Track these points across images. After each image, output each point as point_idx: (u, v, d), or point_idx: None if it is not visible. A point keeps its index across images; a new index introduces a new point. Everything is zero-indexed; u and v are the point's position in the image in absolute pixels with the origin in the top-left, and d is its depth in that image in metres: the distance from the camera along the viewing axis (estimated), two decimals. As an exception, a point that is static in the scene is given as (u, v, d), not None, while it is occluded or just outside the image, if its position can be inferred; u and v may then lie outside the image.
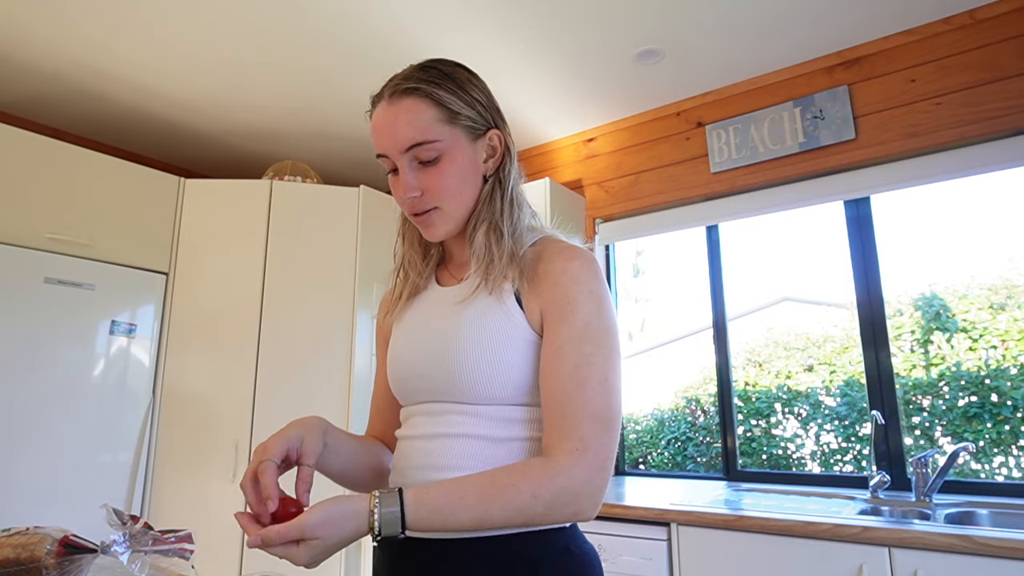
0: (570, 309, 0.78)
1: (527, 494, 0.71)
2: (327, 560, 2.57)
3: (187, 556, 0.85)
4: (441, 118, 0.82)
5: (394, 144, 0.82)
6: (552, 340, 0.78)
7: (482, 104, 0.87)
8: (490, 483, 0.72)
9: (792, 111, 2.35)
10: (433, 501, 0.70)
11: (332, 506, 0.68)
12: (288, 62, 2.33)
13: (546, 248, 0.85)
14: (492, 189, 0.88)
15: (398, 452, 0.88)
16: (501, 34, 2.15)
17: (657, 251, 4.01)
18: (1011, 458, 2.42)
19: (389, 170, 0.87)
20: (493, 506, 0.71)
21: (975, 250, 2.83)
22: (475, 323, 0.82)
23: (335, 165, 3.30)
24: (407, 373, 0.88)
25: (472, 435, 0.80)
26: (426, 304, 0.92)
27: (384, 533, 0.69)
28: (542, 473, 0.72)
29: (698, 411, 3.46)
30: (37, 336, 2.17)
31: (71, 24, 2.10)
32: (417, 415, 0.87)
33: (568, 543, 0.81)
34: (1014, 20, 1.99)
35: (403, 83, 0.84)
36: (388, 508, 0.69)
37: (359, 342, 2.57)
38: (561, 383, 0.76)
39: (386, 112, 0.84)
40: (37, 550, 0.79)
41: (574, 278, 0.80)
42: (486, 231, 0.85)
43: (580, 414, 0.74)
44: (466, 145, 0.85)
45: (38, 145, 2.28)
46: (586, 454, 0.73)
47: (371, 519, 0.69)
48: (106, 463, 2.31)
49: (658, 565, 1.80)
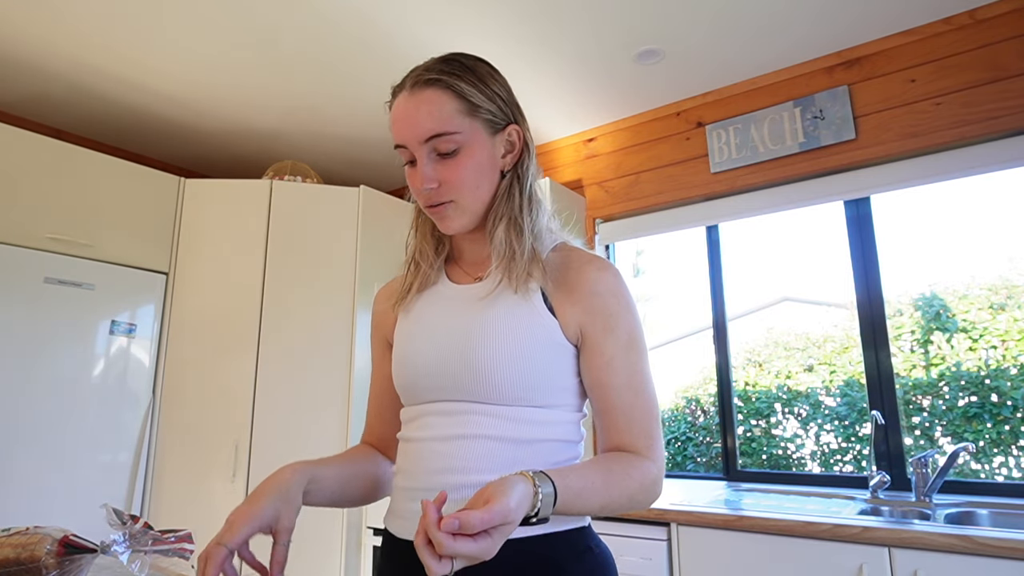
0: (614, 322, 0.82)
1: (636, 482, 0.77)
2: (327, 560, 2.53)
3: (187, 556, 0.85)
4: (462, 110, 0.82)
5: (413, 134, 0.82)
6: (601, 352, 0.82)
7: (502, 99, 0.87)
8: (607, 470, 0.76)
9: (792, 111, 2.35)
10: (573, 485, 0.71)
11: (517, 485, 0.63)
12: (288, 62, 2.33)
13: (571, 256, 0.87)
14: (510, 184, 0.87)
15: (405, 455, 0.85)
16: (501, 35, 2.15)
17: (657, 251, 4.00)
18: (1011, 458, 2.42)
19: (406, 161, 0.86)
20: (614, 491, 0.75)
21: (975, 250, 2.83)
22: (501, 321, 0.81)
23: (335, 165, 3.31)
24: (421, 371, 0.85)
25: (493, 436, 0.78)
26: (440, 300, 0.90)
27: (542, 514, 0.66)
28: (641, 465, 0.79)
29: (698, 411, 3.46)
30: (37, 336, 2.17)
31: (71, 24, 2.10)
32: (429, 415, 0.84)
33: (588, 542, 0.81)
34: (1014, 20, 1.99)
35: (425, 74, 0.83)
36: (546, 488, 0.67)
37: (359, 342, 2.57)
38: (620, 393, 0.81)
39: (407, 102, 0.83)
40: (37, 550, 0.79)
41: (612, 290, 0.83)
42: (506, 227, 0.85)
43: (643, 418, 0.81)
44: (485, 139, 0.84)
45: (38, 145, 2.28)
46: (658, 448, 0.82)
47: (535, 500, 0.65)
48: (106, 463, 2.31)
49: (658, 565, 1.80)
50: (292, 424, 2.46)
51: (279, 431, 2.45)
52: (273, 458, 2.41)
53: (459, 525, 0.57)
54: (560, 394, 0.82)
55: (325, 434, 2.46)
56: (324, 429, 2.47)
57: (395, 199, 2.94)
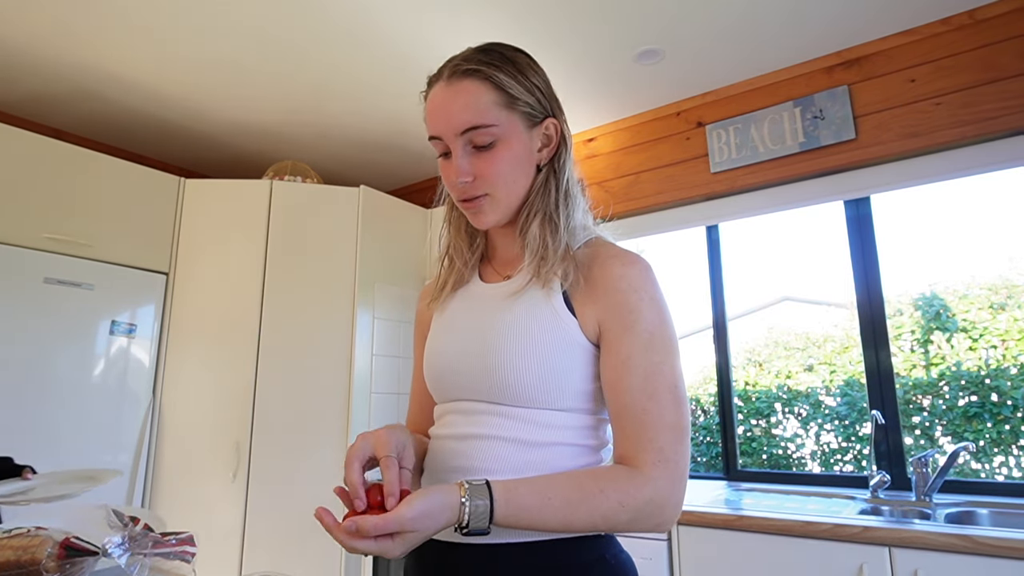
0: (633, 319, 0.77)
1: (614, 501, 0.70)
2: (327, 561, 2.54)
3: (189, 559, 0.85)
4: (500, 102, 0.79)
5: (449, 126, 0.79)
6: (617, 351, 0.76)
7: (541, 91, 0.84)
8: (576, 486, 0.71)
9: (792, 111, 2.35)
10: (521, 500, 0.68)
11: (428, 498, 0.65)
12: (288, 62, 2.33)
13: (599, 251, 0.83)
14: (546, 179, 0.85)
15: (430, 451, 0.86)
16: (500, 35, 2.15)
17: (657, 251, 4.00)
18: (1011, 458, 2.42)
19: (440, 153, 0.83)
20: (579, 510, 0.70)
21: (975, 250, 2.83)
22: (520, 322, 0.79)
23: (335, 165, 3.30)
24: (444, 369, 0.85)
25: (505, 438, 0.78)
26: (469, 299, 0.89)
27: (472, 526, 0.67)
28: (629, 482, 0.71)
29: (698, 411, 3.46)
30: (37, 336, 2.17)
31: (71, 24, 2.10)
32: (451, 413, 0.84)
33: (603, 551, 0.78)
34: (1014, 20, 1.99)
35: (463, 64, 0.80)
36: (478, 501, 0.67)
37: (359, 342, 2.57)
38: (633, 395, 0.75)
39: (444, 93, 0.80)
40: (38, 552, 0.79)
41: (633, 285, 0.78)
42: (541, 222, 0.82)
43: (656, 425, 0.73)
44: (522, 132, 0.82)
45: (38, 145, 2.28)
46: (668, 465, 0.72)
47: (462, 512, 0.66)
48: (106, 463, 2.30)
49: (658, 565, 1.81)
50: (292, 424, 2.46)
51: (279, 431, 2.45)
52: (273, 458, 2.42)
53: (356, 528, 0.62)
54: (578, 397, 0.79)
55: (325, 434, 2.46)
56: (324, 429, 2.47)
57: (395, 199, 2.94)
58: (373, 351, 2.63)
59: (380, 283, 2.71)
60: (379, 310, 2.69)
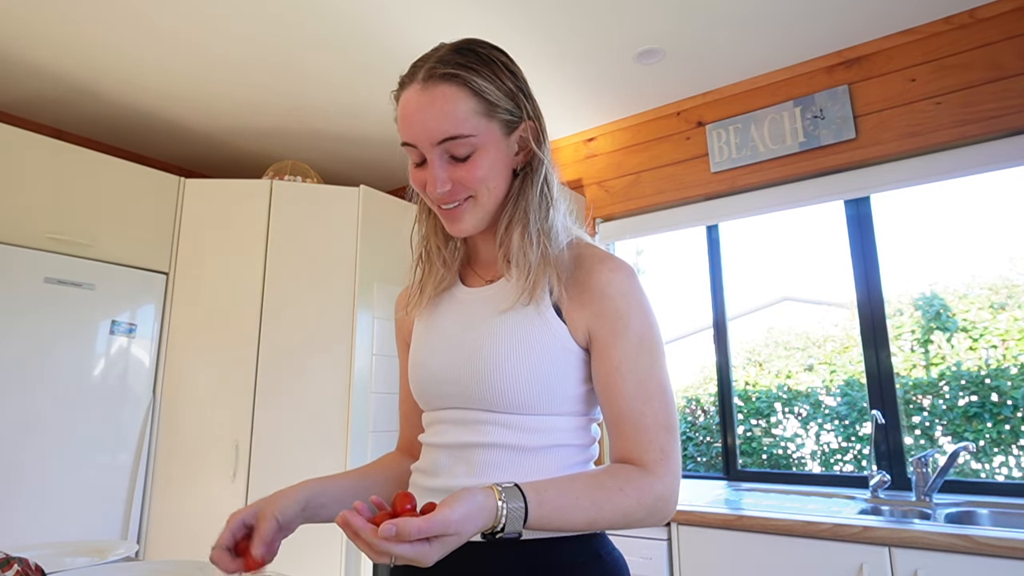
0: (623, 325, 0.78)
1: (632, 499, 0.72)
2: (327, 561, 2.54)
3: None
4: (478, 111, 0.76)
5: (426, 136, 0.75)
6: (610, 357, 0.78)
7: (521, 93, 0.81)
8: (598, 485, 0.72)
9: (792, 111, 2.35)
10: (552, 501, 0.68)
11: (468, 500, 0.63)
12: (289, 61, 2.33)
13: (583, 254, 0.82)
14: (522, 184, 0.82)
15: (424, 455, 0.86)
16: (500, 34, 2.15)
17: (657, 251, 4.00)
18: (1011, 458, 2.42)
19: (415, 160, 0.80)
20: (604, 508, 0.71)
21: (975, 250, 2.83)
22: (510, 331, 0.79)
23: (335, 165, 3.30)
24: (433, 378, 0.84)
25: (503, 445, 0.78)
26: (453, 305, 0.88)
27: (508, 529, 0.65)
28: (642, 480, 0.73)
29: (698, 411, 3.46)
30: (37, 336, 2.17)
31: (71, 24, 2.10)
32: (442, 422, 0.84)
33: (598, 549, 0.80)
34: (1014, 19, 1.99)
35: (439, 67, 0.75)
36: (514, 504, 0.65)
37: (359, 342, 2.57)
38: (628, 400, 0.77)
39: (419, 98, 0.75)
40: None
41: (621, 291, 0.79)
42: (519, 229, 0.80)
43: (653, 427, 0.76)
44: (501, 140, 0.79)
45: (38, 145, 2.28)
46: (669, 463, 0.76)
47: (499, 515, 0.64)
48: (106, 463, 2.30)
49: (658, 565, 1.80)
50: (292, 424, 2.46)
51: (279, 431, 2.45)
52: (273, 458, 2.41)
53: (396, 532, 0.57)
54: (570, 401, 0.80)
55: (325, 434, 2.46)
56: (324, 429, 2.47)
57: (395, 199, 2.94)
58: (373, 351, 2.63)
59: (380, 283, 2.70)
60: (379, 310, 2.69)
